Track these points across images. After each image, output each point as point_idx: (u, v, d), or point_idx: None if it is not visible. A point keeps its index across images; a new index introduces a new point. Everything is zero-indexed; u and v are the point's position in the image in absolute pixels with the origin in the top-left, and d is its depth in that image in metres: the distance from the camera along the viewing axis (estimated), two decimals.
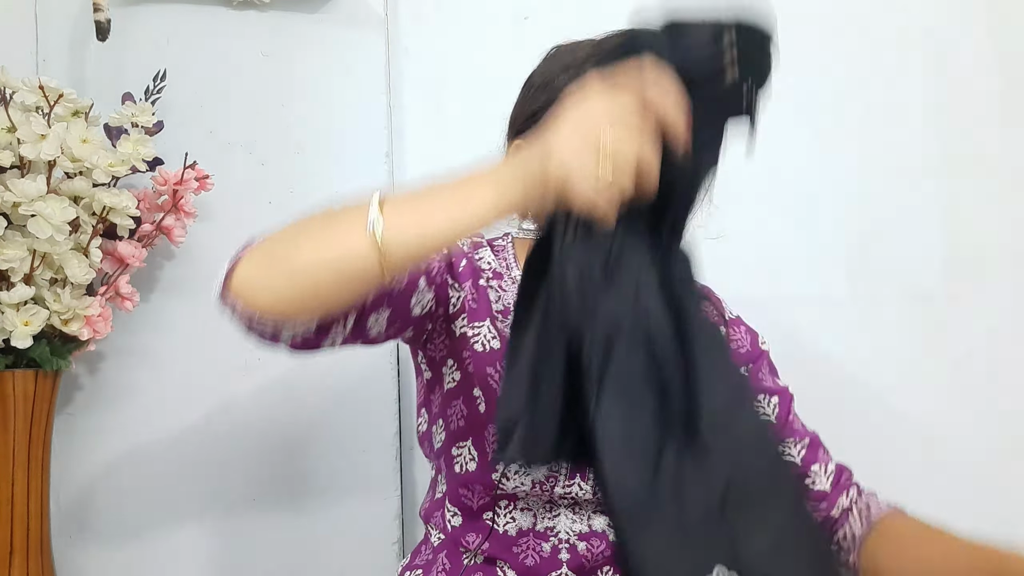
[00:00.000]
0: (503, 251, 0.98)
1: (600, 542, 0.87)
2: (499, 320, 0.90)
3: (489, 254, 0.96)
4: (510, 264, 0.96)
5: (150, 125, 1.13)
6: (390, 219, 0.64)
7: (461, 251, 0.94)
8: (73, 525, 1.20)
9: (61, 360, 1.07)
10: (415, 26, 1.32)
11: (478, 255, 0.96)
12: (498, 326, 0.89)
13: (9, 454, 1.05)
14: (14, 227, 1.03)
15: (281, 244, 0.69)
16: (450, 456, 0.89)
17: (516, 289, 0.92)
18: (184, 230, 1.16)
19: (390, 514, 1.27)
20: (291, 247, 0.68)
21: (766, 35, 0.63)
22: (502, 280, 0.94)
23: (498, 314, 0.91)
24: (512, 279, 0.95)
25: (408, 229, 0.64)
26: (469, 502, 0.88)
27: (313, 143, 1.26)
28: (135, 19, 1.22)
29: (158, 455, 1.22)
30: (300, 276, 0.67)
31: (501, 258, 0.97)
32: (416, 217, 0.65)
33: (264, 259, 0.69)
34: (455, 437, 0.89)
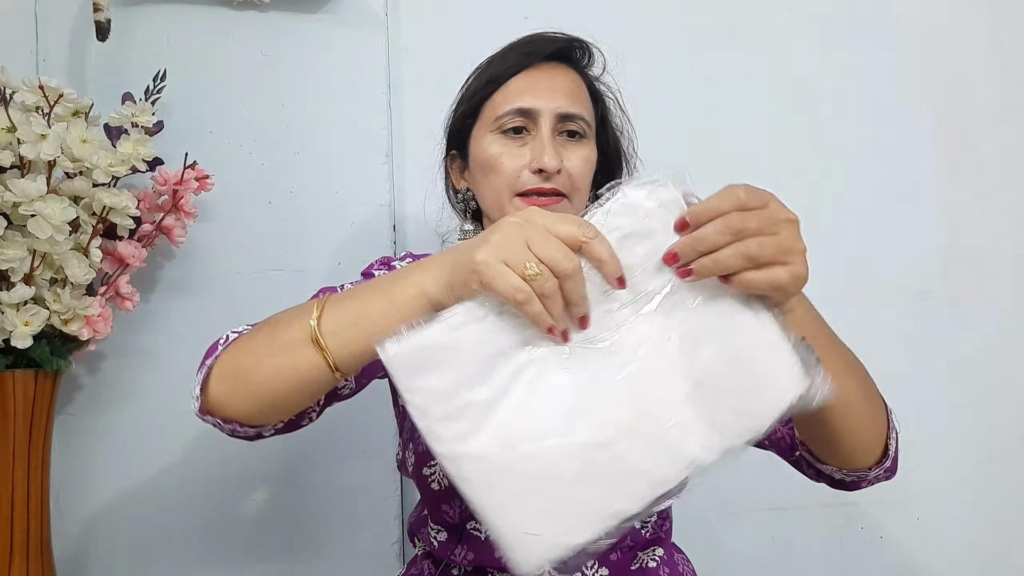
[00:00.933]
0: None
1: None
2: None
3: None
4: None
5: (150, 125, 1.13)
6: (327, 322, 0.67)
7: None
8: (73, 525, 1.20)
9: (61, 360, 1.07)
10: (415, 26, 1.32)
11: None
12: None
13: (9, 454, 1.05)
14: (14, 227, 1.03)
15: (238, 361, 0.72)
16: (423, 476, 0.89)
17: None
18: (184, 230, 1.16)
19: (390, 514, 1.27)
20: (247, 364, 0.71)
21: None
22: None
23: None
24: None
25: (345, 328, 0.67)
26: (451, 517, 0.89)
27: (313, 143, 1.27)
28: (135, 19, 1.22)
29: (158, 455, 1.22)
30: (261, 391, 0.71)
31: None
32: (350, 315, 0.67)
33: (227, 380, 0.72)
34: (424, 457, 0.89)
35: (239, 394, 0.72)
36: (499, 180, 0.90)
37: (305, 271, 1.26)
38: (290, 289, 1.25)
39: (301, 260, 1.26)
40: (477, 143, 0.94)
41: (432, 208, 1.20)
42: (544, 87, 0.91)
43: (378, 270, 0.96)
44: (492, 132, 0.92)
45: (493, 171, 0.91)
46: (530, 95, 0.91)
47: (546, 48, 0.94)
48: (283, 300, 1.22)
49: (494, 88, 0.93)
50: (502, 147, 0.91)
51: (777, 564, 1.41)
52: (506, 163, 0.90)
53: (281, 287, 1.25)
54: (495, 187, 0.91)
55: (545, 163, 0.87)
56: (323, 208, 1.26)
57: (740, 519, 1.11)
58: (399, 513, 1.28)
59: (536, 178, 0.89)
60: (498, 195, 0.91)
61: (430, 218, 1.30)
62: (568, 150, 0.91)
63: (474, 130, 0.95)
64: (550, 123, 0.90)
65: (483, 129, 0.93)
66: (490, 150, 0.91)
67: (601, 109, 0.98)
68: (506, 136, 0.91)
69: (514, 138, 0.91)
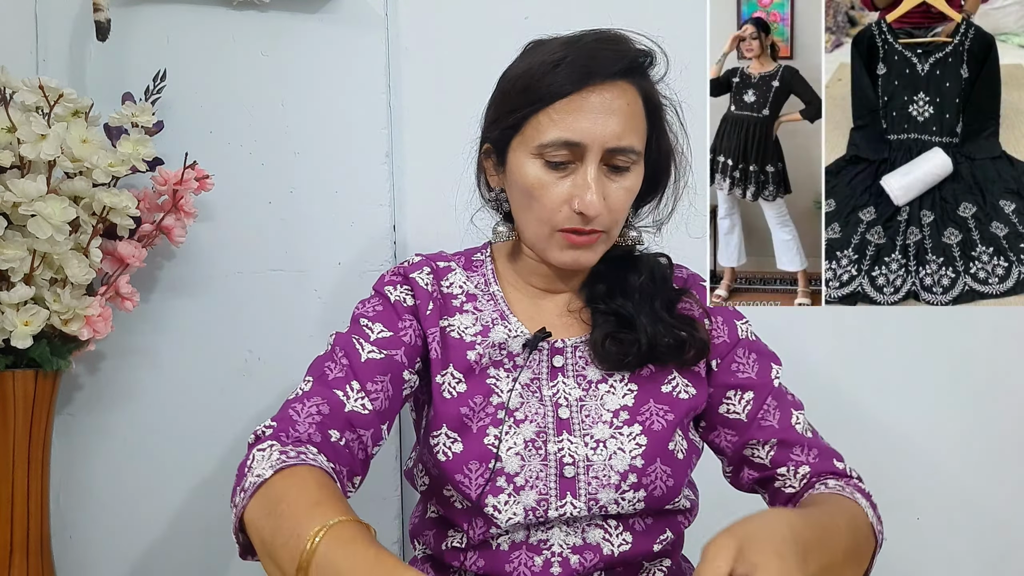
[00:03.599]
0: (480, 266, 0.96)
1: (593, 555, 0.86)
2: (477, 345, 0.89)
3: (460, 275, 0.94)
4: (488, 279, 0.95)
5: (150, 125, 1.13)
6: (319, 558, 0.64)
7: (426, 291, 0.91)
8: (73, 525, 1.20)
9: (61, 360, 1.07)
10: (415, 26, 1.32)
11: (446, 282, 0.93)
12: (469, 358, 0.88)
13: (9, 454, 1.06)
14: (14, 227, 1.03)
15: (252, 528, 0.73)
16: (443, 496, 0.88)
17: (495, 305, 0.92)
18: (184, 230, 1.16)
19: (390, 514, 1.27)
20: (255, 541, 0.73)
21: None
22: (477, 301, 0.92)
23: (475, 340, 0.89)
24: (489, 295, 0.93)
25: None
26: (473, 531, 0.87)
27: (313, 143, 1.26)
28: (135, 19, 1.22)
29: (158, 455, 1.22)
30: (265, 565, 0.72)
31: (478, 274, 0.95)
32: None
33: (248, 534, 0.74)
34: (439, 482, 0.88)
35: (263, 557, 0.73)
36: (539, 211, 0.86)
37: (305, 271, 1.26)
38: (290, 289, 1.25)
39: (301, 260, 1.26)
40: (516, 159, 0.87)
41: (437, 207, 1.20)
42: (598, 115, 0.83)
43: (392, 284, 0.92)
44: (534, 157, 0.85)
45: (533, 199, 0.86)
46: (580, 127, 0.83)
47: (609, 68, 0.84)
48: (283, 300, 1.25)
49: (542, 106, 0.84)
50: (544, 176, 0.85)
51: None
52: (547, 196, 0.85)
53: (281, 287, 1.25)
54: (535, 215, 0.87)
55: (587, 208, 0.83)
56: (323, 208, 1.26)
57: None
58: (399, 513, 1.28)
59: (577, 218, 0.84)
60: (538, 225, 0.87)
61: (432, 217, 1.30)
62: (612, 182, 0.85)
63: (513, 142, 0.87)
64: (597, 158, 0.83)
65: (524, 147, 0.86)
66: (531, 176, 0.85)
67: (656, 123, 0.90)
68: (549, 166, 0.84)
69: (557, 169, 0.84)
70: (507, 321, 0.91)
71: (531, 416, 0.87)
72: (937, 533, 1.40)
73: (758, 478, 0.92)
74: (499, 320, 0.91)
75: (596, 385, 0.89)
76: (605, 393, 0.88)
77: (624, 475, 0.85)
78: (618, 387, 0.89)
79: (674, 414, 0.88)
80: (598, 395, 0.88)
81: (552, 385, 0.89)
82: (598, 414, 0.87)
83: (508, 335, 0.89)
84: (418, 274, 0.92)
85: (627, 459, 0.85)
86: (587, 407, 0.88)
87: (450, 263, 0.95)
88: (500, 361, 0.89)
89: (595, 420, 0.87)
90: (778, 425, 0.90)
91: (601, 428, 0.87)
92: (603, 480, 0.85)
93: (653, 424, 0.87)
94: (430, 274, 0.93)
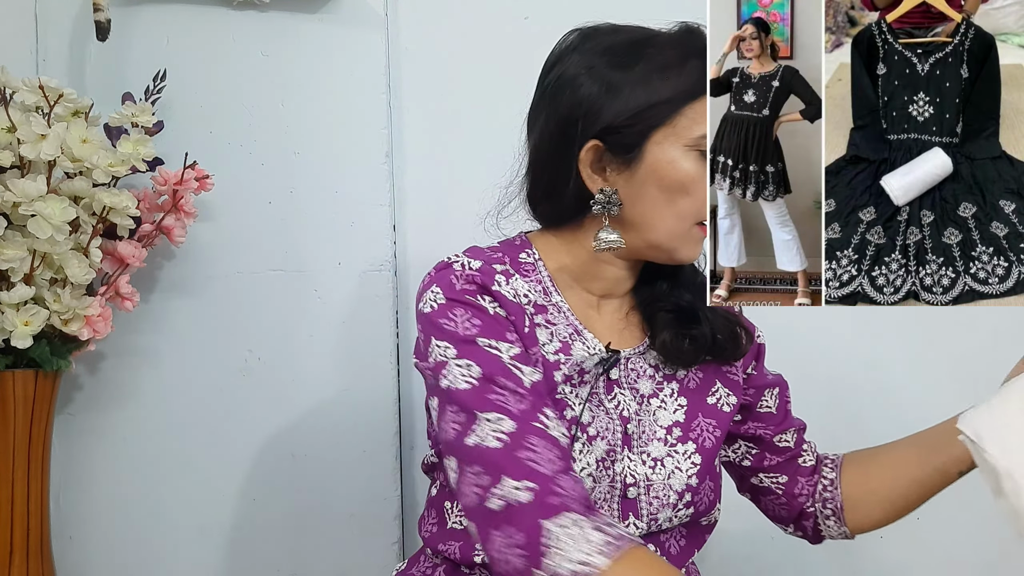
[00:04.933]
0: (532, 271, 0.88)
1: None
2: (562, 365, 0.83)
3: (520, 282, 0.84)
4: (546, 288, 0.87)
5: (150, 125, 1.13)
6: None
7: (515, 304, 0.82)
8: (73, 525, 1.20)
9: (61, 360, 1.07)
10: (415, 26, 1.32)
11: (511, 289, 0.83)
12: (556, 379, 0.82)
13: (9, 454, 1.05)
14: (14, 227, 1.03)
15: None
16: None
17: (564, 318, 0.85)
18: (184, 230, 1.16)
19: (390, 514, 1.27)
20: None
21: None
22: (546, 313, 0.86)
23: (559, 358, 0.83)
24: (555, 305, 0.86)
25: None
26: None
27: (313, 143, 1.26)
28: (135, 19, 1.22)
29: (158, 455, 1.22)
30: None
31: (533, 279, 0.87)
32: None
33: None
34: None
35: None
36: (690, 205, 0.83)
37: (305, 271, 1.26)
38: (290, 289, 1.25)
39: (301, 260, 1.26)
40: (664, 152, 0.82)
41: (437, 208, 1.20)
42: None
43: (470, 294, 0.81)
44: (688, 148, 0.82)
45: (686, 194, 0.82)
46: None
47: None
48: (283, 300, 1.25)
49: (694, 96, 0.82)
50: (699, 169, 0.82)
51: (777, 563, 1.41)
52: (700, 189, 0.82)
53: (281, 287, 1.25)
54: (681, 211, 0.83)
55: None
56: (323, 208, 1.26)
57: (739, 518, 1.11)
58: (399, 513, 1.28)
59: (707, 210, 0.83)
60: (679, 221, 0.84)
61: (432, 217, 1.30)
62: None
63: (657, 135, 0.82)
64: None
65: (676, 140, 0.82)
66: (688, 169, 0.82)
67: None
68: (701, 157, 0.82)
69: (703, 161, 0.82)
70: (583, 337, 0.86)
71: (602, 432, 0.84)
72: (937, 533, 1.40)
73: (780, 462, 0.99)
74: (575, 336, 0.86)
75: (648, 400, 0.88)
76: (657, 408, 0.87)
77: (681, 494, 0.85)
78: (669, 402, 0.88)
79: (721, 429, 0.90)
80: (651, 410, 0.87)
81: (611, 398, 0.86)
82: (652, 431, 0.86)
83: (587, 352, 0.85)
84: (497, 285, 0.82)
85: (684, 478, 0.85)
86: (643, 421, 0.86)
87: (506, 266, 0.85)
88: (570, 376, 0.84)
89: (650, 437, 0.86)
90: (794, 413, 1.01)
91: (656, 446, 0.86)
92: (663, 500, 0.84)
93: (705, 441, 0.88)
94: (505, 281, 0.83)
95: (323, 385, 1.25)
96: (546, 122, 0.87)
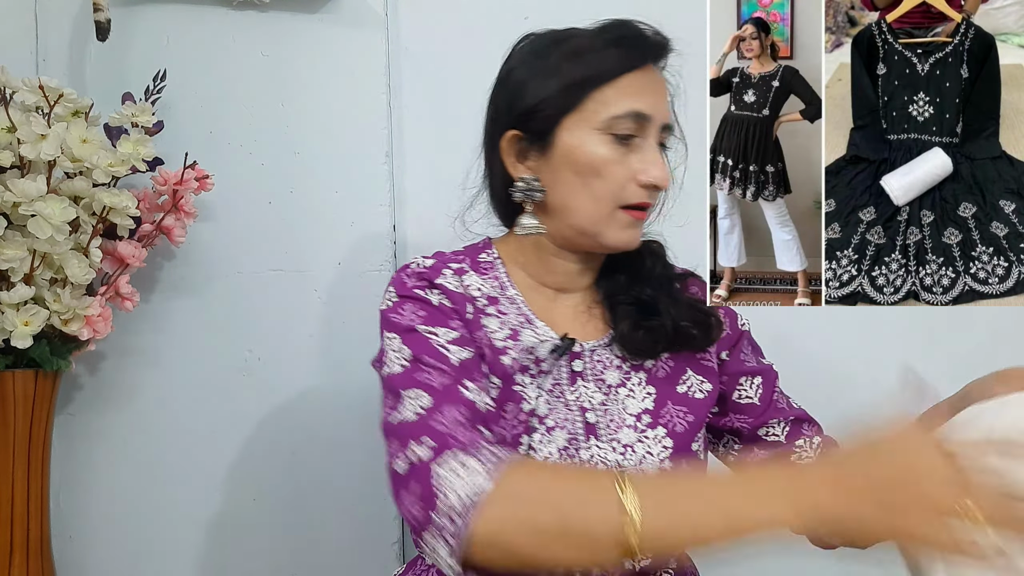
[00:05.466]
0: (491, 268, 0.93)
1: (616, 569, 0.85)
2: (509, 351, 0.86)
3: (475, 277, 0.90)
4: (503, 283, 0.91)
5: (150, 125, 1.13)
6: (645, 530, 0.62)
7: (459, 294, 0.87)
8: (73, 525, 1.20)
9: (61, 360, 1.07)
10: (415, 26, 1.32)
11: (465, 283, 0.89)
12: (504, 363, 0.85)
13: (9, 454, 1.06)
14: (14, 227, 1.03)
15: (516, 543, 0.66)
16: None
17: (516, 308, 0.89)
18: (184, 230, 1.16)
19: (390, 514, 1.27)
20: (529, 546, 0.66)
21: None
22: (499, 304, 0.90)
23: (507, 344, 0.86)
24: (508, 298, 0.90)
25: (663, 536, 0.62)
26: None
27: (313, 143, 1.26)
28: (135, 19, 1.22)
29: (158, 455, 1.22)
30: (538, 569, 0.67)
31: (491, 276, 0.92)
32: (673, 522, 0.63)
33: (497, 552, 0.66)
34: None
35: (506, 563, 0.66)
36: (602, 187, 0.85)
37: (305, 271, 1.26)
38: (290, 289, 1.25)
39: (301, 260, 1.26)
40: (575, 137, 0.85)
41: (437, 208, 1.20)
42: (653, 92, 0.86)
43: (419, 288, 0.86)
44: (600, 132, 0.84)
45: (598, 176, 0.84)
46: (643, 99, 0.84)
47: (652, 50, 0.87)
48: (283, 300, 1.25)
49: (602, 81, 0.84)
50: (611, 152, 0.84)
51: (776, 563, 1.41)
52: (614, 172, 0.84)
53: (281, 287, 1.25)
54: (596, 194, 0.85)
55: (661, 180, 0.84)
56: (323, 208, 1.26)
57: None
58: (399, 513, 1.27)
59: (643, 193, 0.85)
60: (597, 205, 0.85)
61: (432, 217, 1.30)
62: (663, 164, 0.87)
63: (568, 120, 0.85)
64: (656, 132, 0.85)
65: (586, 124, 0.84)
66: (598, 152, 0.84)
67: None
68: (615, 140, 0.84)
69: (622, 144, 0.84)
70: (533, 325, 0.89)
71: (560, 423, 0.85)
72: None
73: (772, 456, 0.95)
74: (526, 324, 0.89)
75: (616, 389, 0.88)
76: (625, 397, 0.88)
77: None
78: (637, 391, 0.89)
79: (694, 415, 0.89)
80: (619, 399, 0.88)
81: (573, 390, 0.87)
82: (621, 418, 0.87)
83: (537, 339, 0.88)
84: (444, 279, 0.87)
85: (655, 462, 0.85)
86: (610, 411, 0.87)
87: (461, 264, 0.91)
88: (527, 367, 0.87)
89: (619, 424, 0.86)
90: (787, 406, 0.97)
91: (626, 432, 0.86)
92: None
93: (676, 426, 0.88)
94: (453, 275, 0.88)
95: (323, 385, 1.25)
96: (484, 122, 0.93)
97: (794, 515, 0.61)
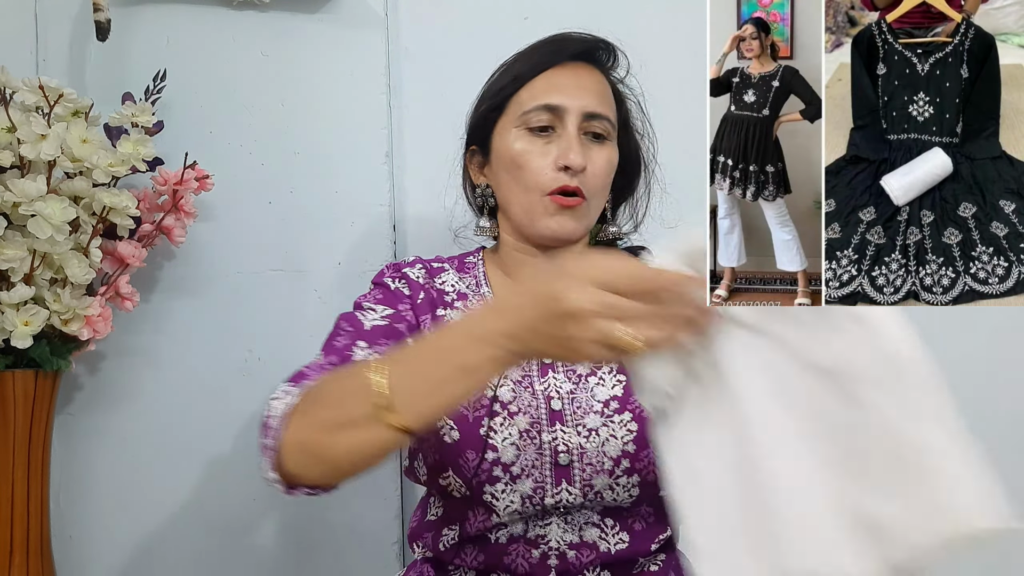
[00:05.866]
0: (472, 268, 0.99)
1: (590, 552, 0.87)
2: None
3: (453, 275, 0.97)
4: (479, 281, 0.98)
5: (150, 125, 1.13)
6: (396, 400, 0.65)
7: (418, 284, 0.95)
8: (73, 525, 1.20)
9: (61, 360, 1.07)
10: (415, 26, 1.32)
11: (439, 280, 0.97)
12: None
13: (9, 454, 1.06)
14: (14, 227, 1.03)
15: (306, 440, 0.71)
16: (441, 486, 0.89)
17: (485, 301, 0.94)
18: (184, 230, 1.16)
19: (390, 514, 1.27)
20: (317, 443, 0.71)
21: None
22: (467, 300, 0.95)
23: None
24: (480, 295, 0.96)
25: (417, 401, 0.65)
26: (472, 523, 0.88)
27: (313, 143, 1.27)
28: (135, 19, 1.23)
29: (158, 455, 1.22)
30: (337, 464, 0.71)
31: (470, 276, 0.98)
32: (420, 387, 0.66)
33: (299, 458, 0.72)
34: (438, 468, 0.88)
35: (314, 467, 0.71)
36: (527, 178, 0.91)
37: (305, 271, 1.26)
38: (290, 289, 1.25)
39: (301, 260, 1.26)
40: (501, 139, 0.94)
41: (437, 208, 1.20)
42: (571, 85, 0.92)
43: (390, 277, 0.96)
44: (518, 128, 0.92)
45: (520, 168, 0.91)
46: (557, 92, 0.91)
47: (573, 47, 0.95)
48: (283, 300, 1.25)
49: (520, 84, 0.94)
50: (528, 144, 0.91)
51: None
52: (533, 161, 0.91)
53: (281, 287, 1.25)
54: (522, 184, 0.91)
55: (571, 160, 0.88)
56: (323, 208, 1.26)
57: None
58: (399, 513, 1.28)
59: (563, 176, 0.90)
60: (525, 194, 0.91)
61: (432, 217, 1.30)
62: (592, 151, 0.92)
63: (498, 125, 0.95)
64: (576, 121, 0.91)
65: (508, 125, 0.94)
66: (515, 146, 0.92)
67: (624, 112, 0.99)
68: (532, 133, 0.91)
69: (540, 135, 0.91)
70: None
71: (524, 408, 0.88)
72: None
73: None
74: None
75: (586, 379, 0.90)
76: (595, 385, 0.90)
77: (617, 460, 0.86)
78: (607, 379, 0.90)
79: None
80: (588, 387, 0.90)
81: (543, 380, 0.90)
82: (589, 405, 0.89)
83: None
84: (411, 270, 0.96)
85: (619, 445, 0.86)
86: (578, 399, 0.89)
87: (444, 264, 0.99)
88: None
89: (586, 411, 0.88)
90: None
91: (593, 418, 0.88)
92: (597, 466, 0.86)
93: (643, 412, 0.88)
94: (423, 270, 0.97)
95: None
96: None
97: (507, 354, 0.62)
